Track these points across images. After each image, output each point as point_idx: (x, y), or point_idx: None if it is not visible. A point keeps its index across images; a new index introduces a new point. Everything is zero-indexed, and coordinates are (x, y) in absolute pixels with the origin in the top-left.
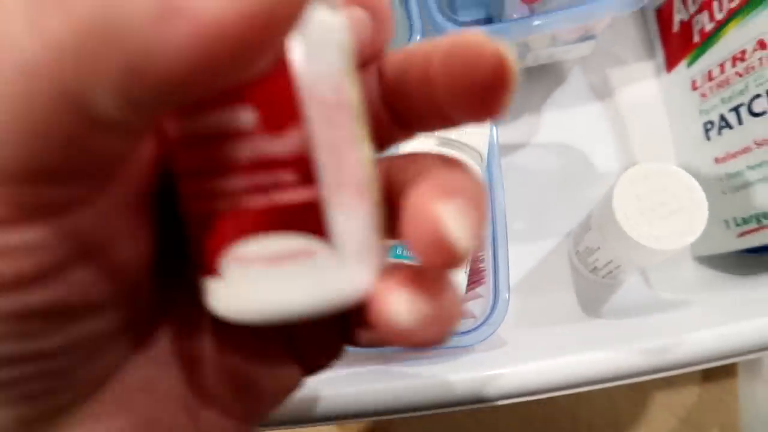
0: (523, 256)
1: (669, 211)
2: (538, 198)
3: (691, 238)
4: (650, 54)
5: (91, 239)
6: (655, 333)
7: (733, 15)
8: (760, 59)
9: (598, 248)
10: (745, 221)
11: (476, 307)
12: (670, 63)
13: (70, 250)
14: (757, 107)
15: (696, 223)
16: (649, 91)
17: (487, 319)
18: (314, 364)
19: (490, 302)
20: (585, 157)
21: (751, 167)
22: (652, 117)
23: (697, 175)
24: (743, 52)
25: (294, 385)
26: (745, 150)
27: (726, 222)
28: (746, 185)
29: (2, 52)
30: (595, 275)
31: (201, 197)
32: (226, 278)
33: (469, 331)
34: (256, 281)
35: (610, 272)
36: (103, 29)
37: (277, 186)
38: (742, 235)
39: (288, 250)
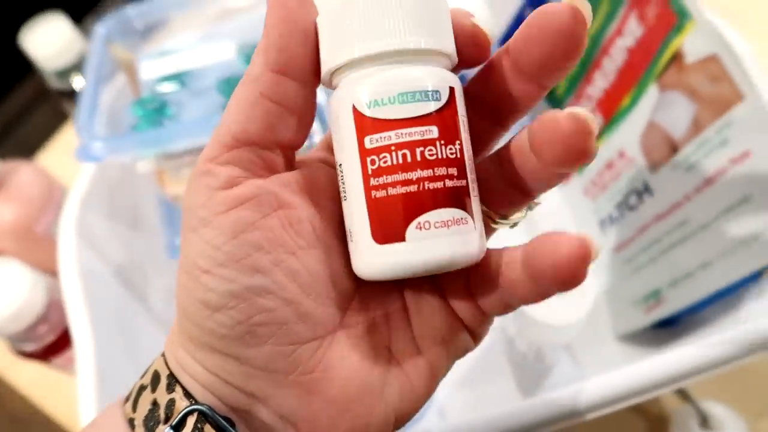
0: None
1: None
2: None
3: (581, 313)
4: None
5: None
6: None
7: (599, 134)
8: (623, 166)
9: (518, 332)
10: (646, 298)
11: None
12: None
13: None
14: (631, 202)
15: (585, 299)
16: (555, 199)
17: None
18: (480, 328)
19: None
20: None
21: (638, 252)
22: (558, 219)
23: (602, 265)
24: (611, 161)
25: (467, 347)
26: (631, 239)
27: (633, 301)
28: (639, 267)
29: None
30: (525, 360)
31: (392, 186)
32: (410, 241)
33: None
34: (433, 239)
35: (536, 355)
36: None
37: (448, 176)
38: (648, 311)
39: (453, 217)
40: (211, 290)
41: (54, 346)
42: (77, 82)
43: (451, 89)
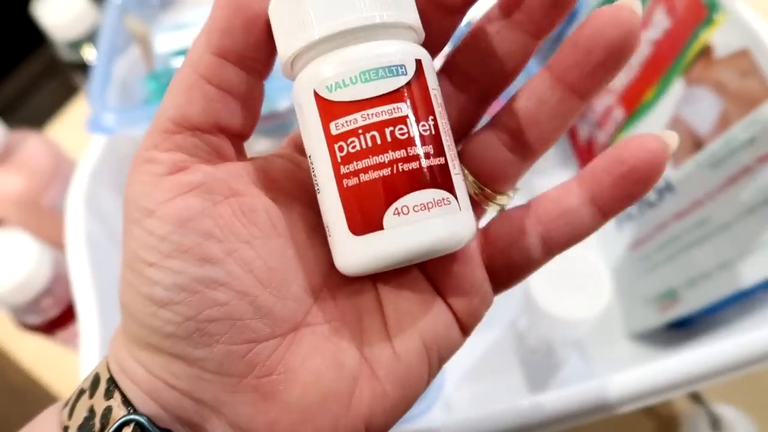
0: (474, 345)
1: (576, 287)
2: None
3: (596, 309)
4: (567, 164)
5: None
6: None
7: (619, 129)
8: None
9: (530, 327)
10: (661, 297)
11: None
12: None
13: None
14: (650, 199)
15: (601, 296)
16: None
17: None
18: (467, 313)
19: None
20: None
21: (655, 250)
22: None
23: (617, 262)
24: None
25: (454, 338)
26: (648, 236)
27: (648, 300)
28: (655, 266)
29: None
30: (534, 356)
31: (363, 171)
32: (389, 228)
33: None
34: (414, 223)
35: (546, 351)
36: None
37: (424, 155)
38: (662, 310)
39: (434, 198)
40: (157, 283)
41: (57, 321)
42: (89, 53)
43: (418, 62)
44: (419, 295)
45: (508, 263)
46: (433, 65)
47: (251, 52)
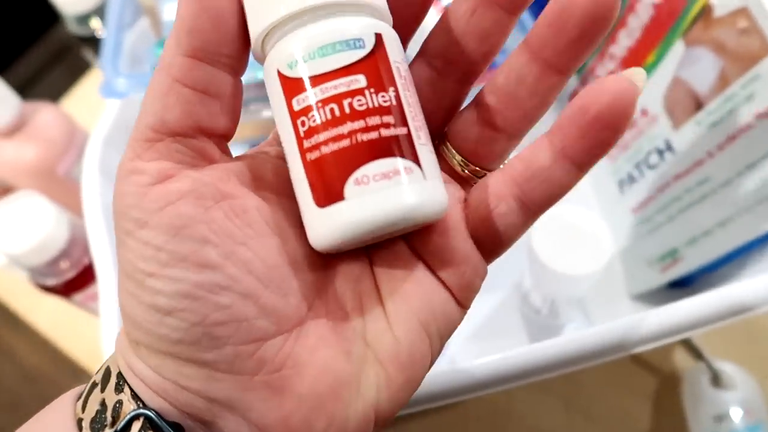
0: (479, 306)
1: (578, 243)
2: None
3: (599, 264)
4: None
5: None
6: None
7: None
8: (645, 124)
9: (534, 285)
10: (663, 258)
11: None
12: None
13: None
14: (651, 161)
15: (603, 251)
16: None
17: None
18: (461, 286)
19: None
20: None
21: (657, 211)
22: None
23: (619, 225)
24: (633, 120)
25: (451, 314)
26: (650, 198)
27: (649, 261)
28: (657, 227)
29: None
30: (538, 316)
31: (324, 144)
32: (350, 198)
33: None
34: (375, 193)
35: (550, 310)
36: None
37: (383, 125)
38: (664, 270)
39: (395, 168)
40: (159, 292)
41: (74, 283)
42: (97, 27)
43: (378, 35)
44: (412, 275)
45: (491, 230)
46: (398, 40)
47: (223, 49)
